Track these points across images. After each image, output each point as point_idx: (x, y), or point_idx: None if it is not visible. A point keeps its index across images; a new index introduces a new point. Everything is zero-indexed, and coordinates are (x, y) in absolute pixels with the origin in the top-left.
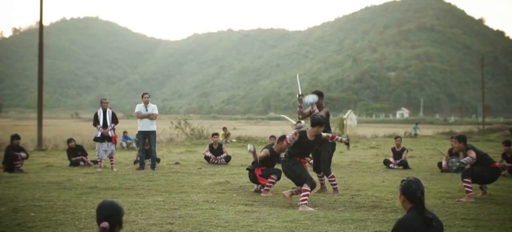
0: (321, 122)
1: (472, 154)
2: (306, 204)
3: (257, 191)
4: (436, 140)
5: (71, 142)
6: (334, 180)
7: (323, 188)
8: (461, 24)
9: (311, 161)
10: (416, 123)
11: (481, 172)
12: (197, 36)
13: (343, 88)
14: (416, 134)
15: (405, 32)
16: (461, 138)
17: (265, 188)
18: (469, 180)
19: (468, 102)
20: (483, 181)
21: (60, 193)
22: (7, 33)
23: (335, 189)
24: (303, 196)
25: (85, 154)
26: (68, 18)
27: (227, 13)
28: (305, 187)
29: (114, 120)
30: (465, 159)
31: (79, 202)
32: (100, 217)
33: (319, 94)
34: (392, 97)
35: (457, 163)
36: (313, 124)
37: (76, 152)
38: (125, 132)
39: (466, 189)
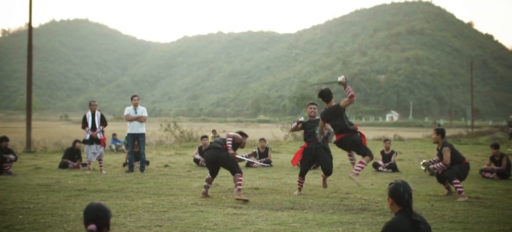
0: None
1: (447, 154)
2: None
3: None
4: (425, 143)
5: (77, 142)
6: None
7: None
8: (450, 28)
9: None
10: (438, 125)
11: (458, 170)
12: (187, 39)
13: (333, 91)
14: None
15: (395, 35)
16: (440, 131)
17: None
18: (458, 180)
19: (457, 105)
20: (459, 178)
21: (48, 195)
22: None
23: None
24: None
25: (80, 159)
26: (57, 19)
27: (217, 15)
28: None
29: (103, 122)
30: (437, 165)
31: (68, 205)
32: (87, 220)
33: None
34: (382, 100)
35: (427, 167)
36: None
37: (73, 155)
38: (114, 135)
39: (458, 189)
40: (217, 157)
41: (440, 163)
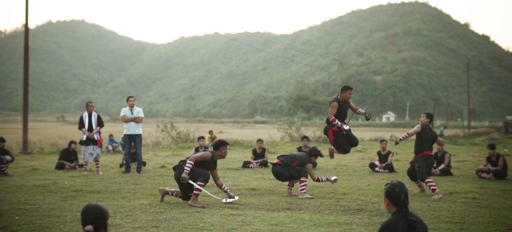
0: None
1: (415, 129)
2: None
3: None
4: None
5: (72, 144)
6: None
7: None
8: (447, 29)
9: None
10: (444, 127)
11: (420, 167)
12: (183, 40)
13: (329, 92)
14: (441, 136)
15: (391, 36)
16: (429, 115)
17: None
18: (431, 179)
19: (453, 106)
20: (426, 173)
21: (45, 196)
22: None
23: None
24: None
25: (76, 161)
26: (54, 20)
27: (213, 16)
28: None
29: (100, 123)
30: (402, 135)
31: (64, 206)
32: (84, 221)
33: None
34: (378, 101)
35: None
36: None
37: (69, 156)
38: (111, 136)
39: (432, 188)
40: (177, 176)
41: (405, 133)
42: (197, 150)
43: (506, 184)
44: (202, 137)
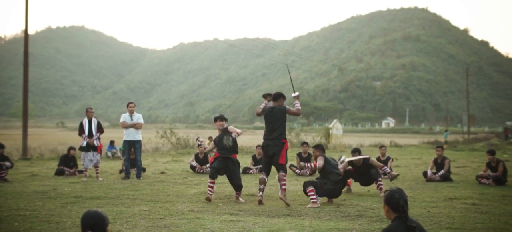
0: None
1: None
2: None
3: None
4: (421, 150)
5: (71, 150)
6: None
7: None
8: (446, 34)
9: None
10: (445, 130)
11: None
12: (183, 46)
13: (329, 98)
14: (446, 142)
15: (391, 42)
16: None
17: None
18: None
19: (453, 111)
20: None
21: (45, 202)
22: None
23: None
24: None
25: (76, 167)
26: (53, 26)
27: (213, 22)
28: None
29: (100, 129)
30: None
31: (64, 212)
32: (84, 227)
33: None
34: (378, 107)
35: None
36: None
37: (68, 162)
38: (112, 142)
39: (380, 187)
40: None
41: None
42: (196, 156)
43: (506, 190)
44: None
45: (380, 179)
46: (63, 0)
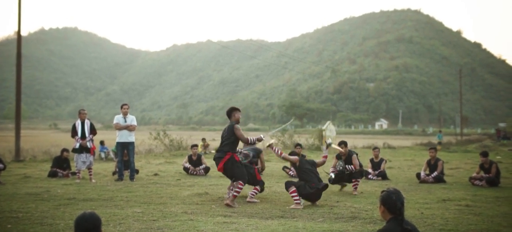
0: None
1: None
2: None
3: None
4: (414, 151)
5: (65, 151)
6: None
7: None
8: (439, 36)
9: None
10: (439, 131)
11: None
12: (176, 47)
13: (322, 99)
14: (440, 143)
15: (384, 44)
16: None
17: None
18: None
19: (446, 113)
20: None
21: (37, 204)
22: None
23: None
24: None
25: (69, 168)
26: (46, 28)
27: (206, 24)
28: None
29: (92, 131)
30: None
31: (57, 214)
32: (78, 229)
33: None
34: (371, 108)
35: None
36: None
37: (61, 164)
38: (102, 142)
39: (356, 187)
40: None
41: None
42: (190, 158)
43: (499, 191)
44: (196, 145)
45: (359, 180)
46: (56, 2)
